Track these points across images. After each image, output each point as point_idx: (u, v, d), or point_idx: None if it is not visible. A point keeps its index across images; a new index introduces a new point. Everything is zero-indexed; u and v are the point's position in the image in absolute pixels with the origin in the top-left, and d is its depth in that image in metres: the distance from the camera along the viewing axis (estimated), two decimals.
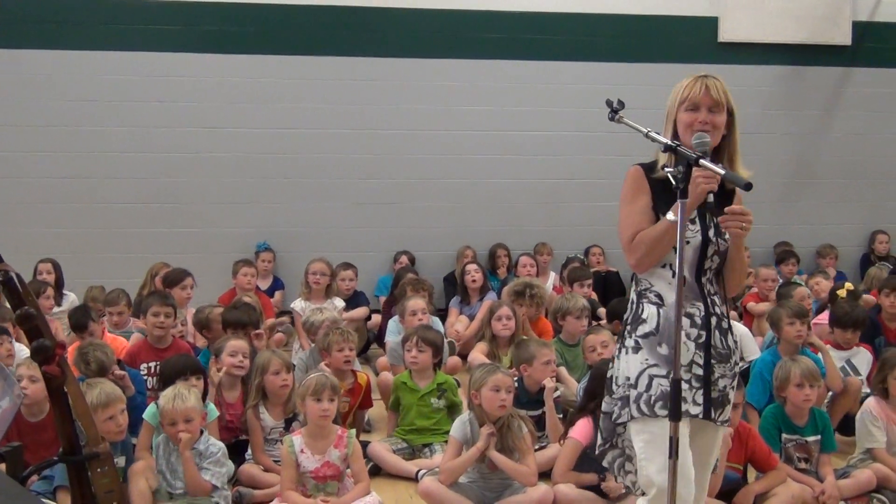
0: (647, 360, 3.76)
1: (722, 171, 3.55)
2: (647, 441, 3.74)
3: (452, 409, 6.56)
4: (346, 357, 6.53)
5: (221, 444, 5.39)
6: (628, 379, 3.77)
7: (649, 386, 3.73)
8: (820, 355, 6.86)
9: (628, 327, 3.84)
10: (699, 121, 3.74)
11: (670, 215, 3.68)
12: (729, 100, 3.81)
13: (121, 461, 5.01)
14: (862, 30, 11.55)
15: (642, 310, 3.83)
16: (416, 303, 7.83)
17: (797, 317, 6.81)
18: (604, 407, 3.93)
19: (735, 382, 3.91)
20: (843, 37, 11.50)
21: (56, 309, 8.36)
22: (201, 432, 5.28)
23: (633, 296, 3.90)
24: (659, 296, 3.82)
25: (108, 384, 5.29)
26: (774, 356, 6.76)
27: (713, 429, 3.87)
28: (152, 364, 6.63)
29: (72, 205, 10.28)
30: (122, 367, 6.18)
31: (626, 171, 3.89)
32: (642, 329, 3.80)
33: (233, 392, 6.33)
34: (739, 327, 7.95)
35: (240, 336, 6.69)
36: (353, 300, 9.44)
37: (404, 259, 10.44)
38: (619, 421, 3.81)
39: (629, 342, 3.81)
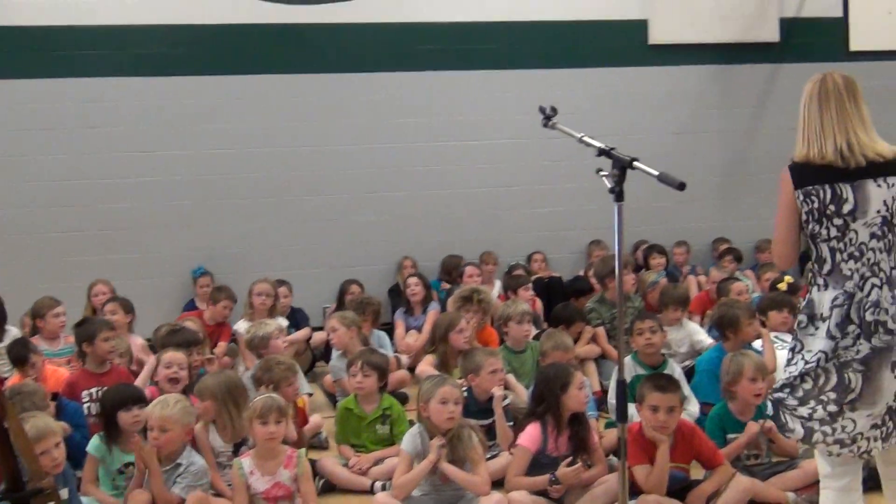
0: None
1: (656, 173, 3.59)
2: None
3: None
4: (295, 390, 6.51)
5: (203, 464, 5.35)
6: None
7: None
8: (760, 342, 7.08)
9: None
10: None
11: None
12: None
13: (64, 493, 4.91)
14: (789, 26, 11.70)
15: None
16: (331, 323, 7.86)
17: (753, 317, 7.02)
18: None
19: None
20: (771, 34, 11.65)
21: None
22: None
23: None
24: None
25: (40, 418, 5.15)
26: (721, 353, 6.84)
27: None
28: (94, 390, 6.55)
29: (7, 237, 10.10)
30: (60, 403, 6.09)
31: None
32: None
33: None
34: (690, 324, 8.09)
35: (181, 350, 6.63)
36: (291, 318, 9.40)
37: (355, 288, 10.23)
38: None
39: None
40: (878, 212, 4.00)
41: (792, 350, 4.13)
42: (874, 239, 4.01)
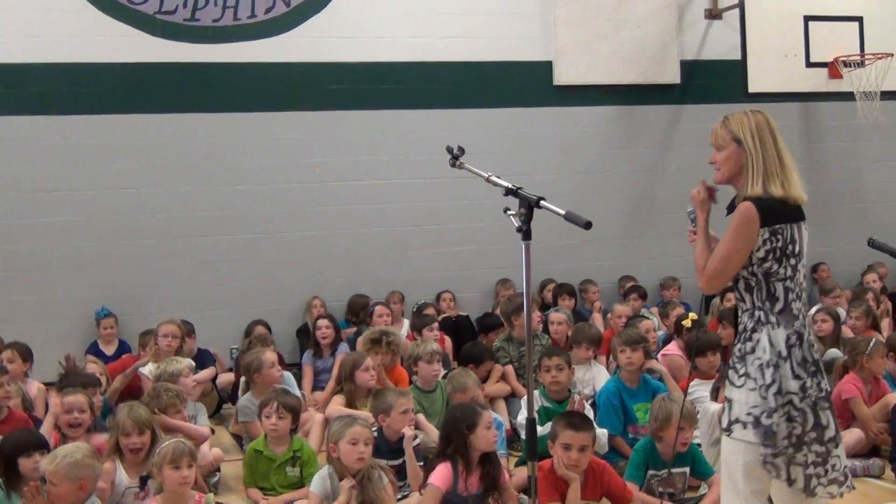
0: None
1: (562, 212, 3.63)
2: None
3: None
4: (182, 417, 6.40)
5: None
6: None
7: None
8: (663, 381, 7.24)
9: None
10: (709, 161, 4.29)
11: None
12: (730, 132, 4.18)
13: None
14: (689, 68, 11.99)
15: None
16: (270, 355, 7.70)
17: (627, 345, 7.13)
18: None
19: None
20: (672, 76, 11.93)
21: None
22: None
23: None
24: None
25: None
26: (617, 383, 7.16)
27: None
28: None
29: None
30: None
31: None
32: None
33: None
34: (599, 367, 8.17)
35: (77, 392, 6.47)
36: (197, 359, 9.23)
37: (261, 329, 10.07)
38: None
39: None
40: (806, 255, 4.05)
41: (759, 386, 3.97)
42: (804, 281, 4.07)
